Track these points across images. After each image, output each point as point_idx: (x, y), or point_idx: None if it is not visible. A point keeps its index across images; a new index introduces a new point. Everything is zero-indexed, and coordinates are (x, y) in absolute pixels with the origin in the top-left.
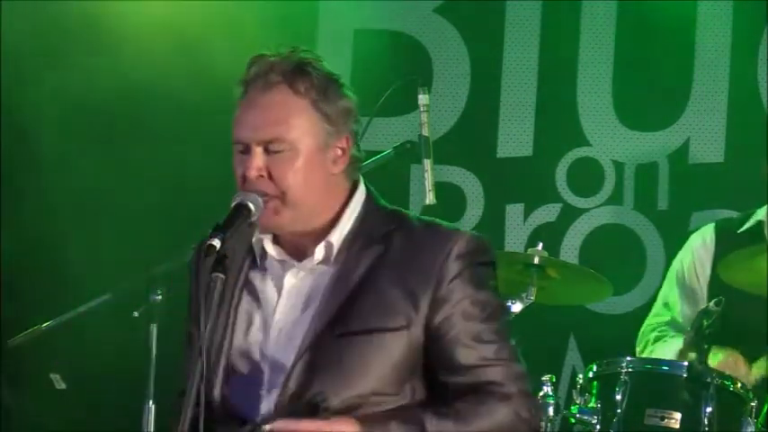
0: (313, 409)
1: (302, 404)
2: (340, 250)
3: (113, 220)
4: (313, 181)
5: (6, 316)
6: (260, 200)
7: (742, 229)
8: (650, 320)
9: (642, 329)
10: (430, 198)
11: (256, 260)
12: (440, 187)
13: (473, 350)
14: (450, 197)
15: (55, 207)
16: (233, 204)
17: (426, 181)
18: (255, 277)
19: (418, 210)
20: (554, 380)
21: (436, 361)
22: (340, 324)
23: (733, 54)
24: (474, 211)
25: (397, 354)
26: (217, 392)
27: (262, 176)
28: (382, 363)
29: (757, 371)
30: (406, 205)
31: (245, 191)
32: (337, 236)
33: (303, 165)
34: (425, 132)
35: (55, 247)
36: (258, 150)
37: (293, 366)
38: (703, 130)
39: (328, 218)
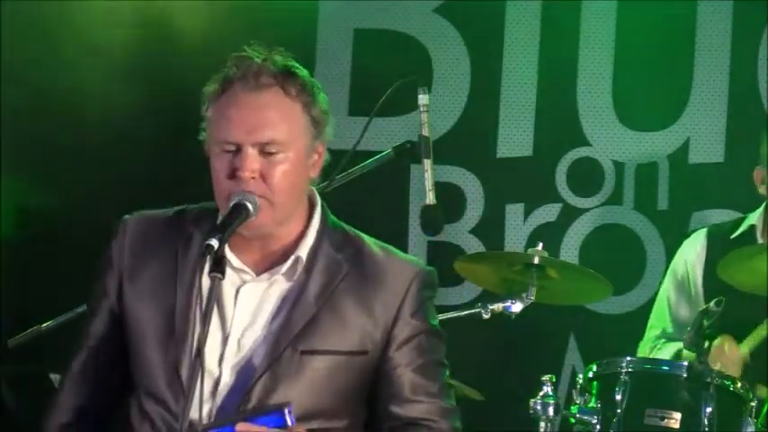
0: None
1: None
2: (304, 266)
3: None
4: (296, 185)
5: (6, 316)
6: (258, 200)
7: (735, 235)
8: (648, 334)
9: (641, 343)
10: (430, 198)
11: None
12: (440, 187)
13: (420, 384)
14: (451, 197)
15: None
16: (231, 204)
17: (426, 181)
18: (206, 281)
19: (418, 210)
20: (554, 380)
21: (383, 389)
22: (303, 341)
23: (733, 54)
24: (474, 211)
25: (354, 377)
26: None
27: (254, 178)
28: (339, 384)
29: (747, 345)
30: (407, 205)
31: (241, 190)
32: (304, 250)
33: (292, 168)
34: (425, 132)
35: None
36: (252, 152)
37: (257, 379)
38: (703, 130)
39: (297, 229)
